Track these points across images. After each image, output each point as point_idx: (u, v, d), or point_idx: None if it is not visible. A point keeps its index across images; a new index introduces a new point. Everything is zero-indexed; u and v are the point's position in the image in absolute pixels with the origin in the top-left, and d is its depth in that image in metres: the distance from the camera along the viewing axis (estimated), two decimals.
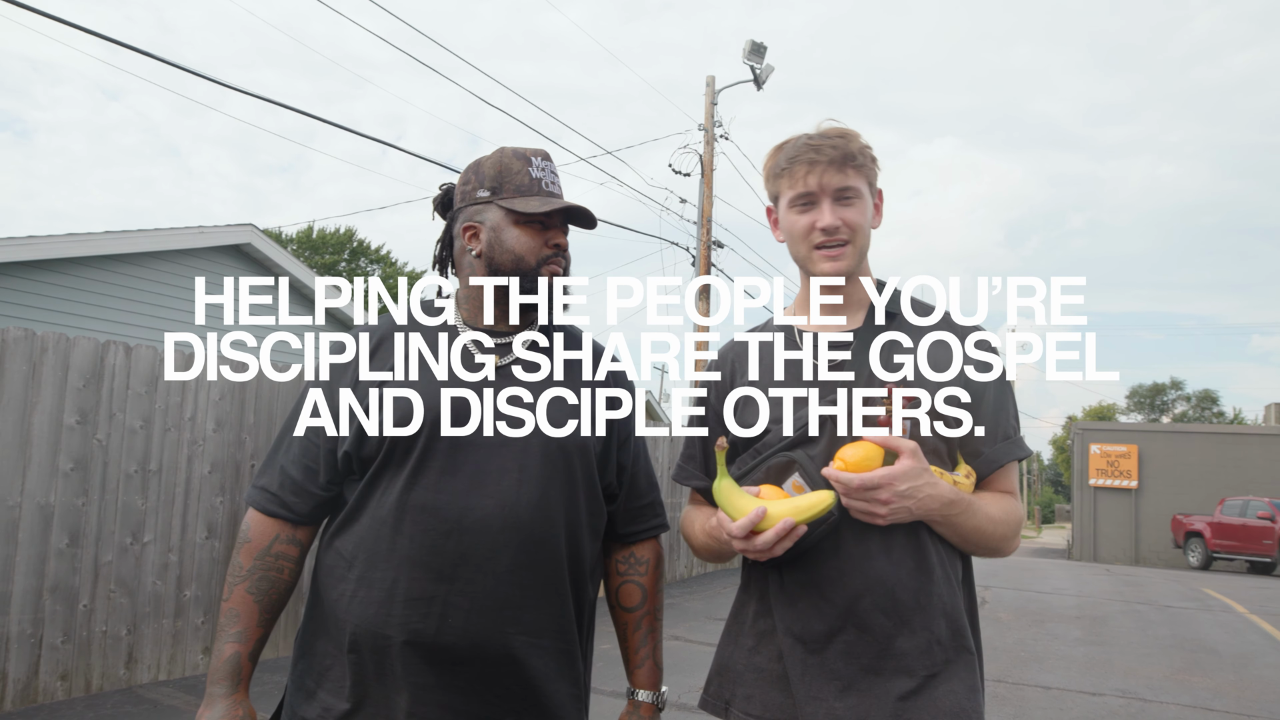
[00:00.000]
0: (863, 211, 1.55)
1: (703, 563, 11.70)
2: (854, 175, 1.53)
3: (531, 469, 1.49)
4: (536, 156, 1.59)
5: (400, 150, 11.93)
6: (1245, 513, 19.99)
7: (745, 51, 15.99)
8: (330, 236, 37.80)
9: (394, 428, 1.47)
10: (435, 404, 1.49)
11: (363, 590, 1.46)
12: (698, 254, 16.02)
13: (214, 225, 11.01)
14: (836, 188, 1.53)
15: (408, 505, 1.45)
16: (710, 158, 16.03)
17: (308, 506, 1.55)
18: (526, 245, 1.55)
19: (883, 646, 1.42)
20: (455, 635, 1.43)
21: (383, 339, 1.59)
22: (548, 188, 1.58)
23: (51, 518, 4.53)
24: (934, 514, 1.41)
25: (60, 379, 4.60)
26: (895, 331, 1.55)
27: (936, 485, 1.39)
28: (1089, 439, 25.26)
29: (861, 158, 1.55)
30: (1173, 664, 7.14)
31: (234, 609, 1.52)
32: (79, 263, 9.57)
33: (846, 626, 1.43)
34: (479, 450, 1.48)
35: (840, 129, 1.58)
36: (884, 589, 1.42)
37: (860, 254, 1.56)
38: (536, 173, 1.57)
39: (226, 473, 5.41)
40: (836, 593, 1.44)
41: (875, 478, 1.35)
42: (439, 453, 1.47)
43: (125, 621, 4.83)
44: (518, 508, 1.46)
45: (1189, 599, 12.19)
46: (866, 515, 1.39)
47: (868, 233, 1.57)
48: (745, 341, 1.70)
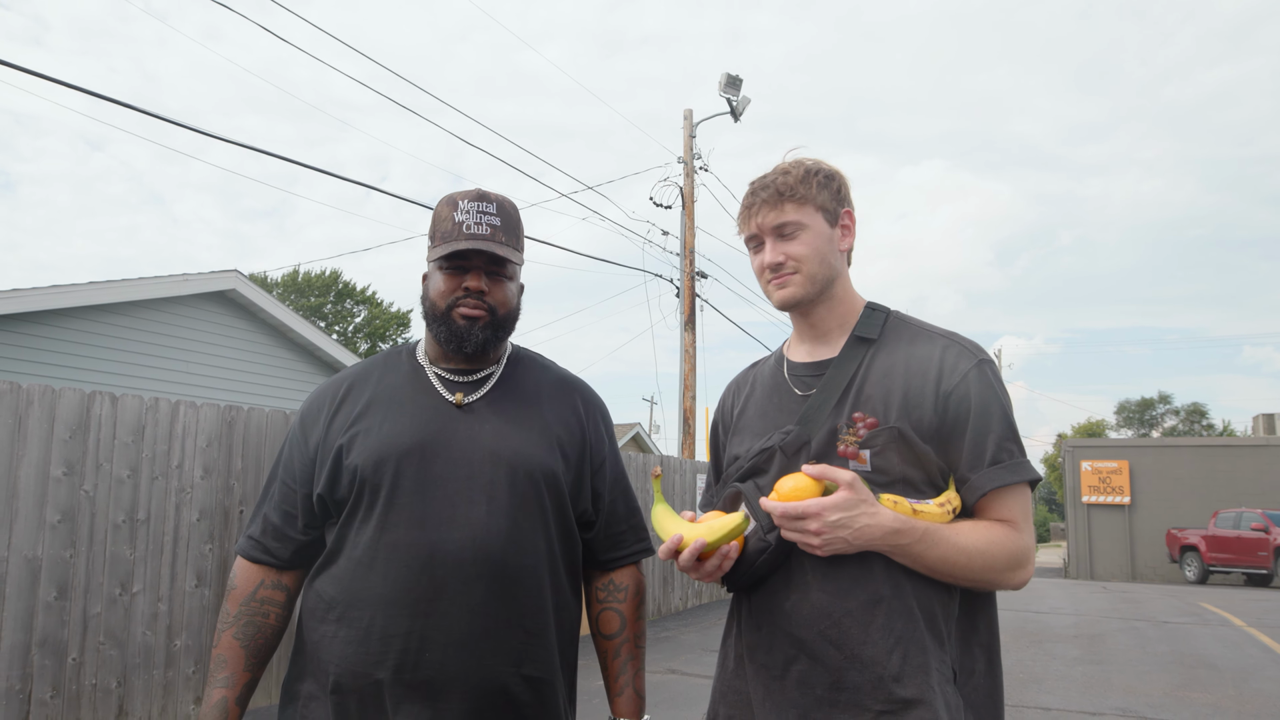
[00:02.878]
0: (809, 241, 1.55)
1: (698, 594, 11.63)
2: (793, 209, 1.55)
3: (500, 500, 1.51)
4: (465, 199, 1.59)
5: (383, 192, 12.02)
6: (1239, 525, 20.02)
7: (721, 84, 16.21)
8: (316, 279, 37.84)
9: (362, 469, 1.51)
10: (402, 443, 1.52)
11: (343, 630, 1.48)
12: (682, 285, 16.11)
13: (198, 272, 11.02)
14: (774, 225, 1.56)
15: (381, 544, 1.48)
16: (691, 190, 16.18)
17: (288, 551, 1.59)
18: (439, 290, 1.58)
19: (834, 679, 1.40)
20: (434, 669, 1.44)
21: (354, 383, 1.64)
22: (469, 230, 1.57)
23: (39, 571, 4.49)
24: (876, 544, 1.38)
25: (46, 431, 4.58)
26: (874, 356, 1.53)
27: (876, 515, 1.36)
28: (1080, 456, 25.33)
29: (802, 189, 1.55)
30: (1172, 680, 7.12)
31: (221, 655, 1.56)
32: (63, 314, 9.55)
33: (800, 656, 1.43)
34: (447, 486, 1.50)
35: (785, 164, 1.61)
36: (830, 620, 1.41)
37: (813, 280, 1.56)
38: (460, 216, 1.58)
39: (215, 520, 5.37)
40: (788, 622, 1.45)
41: (799, 507, 1.36)
42: (407, 491, 1.50)
43: (115, 674, 4.77)
44: (488, 540, 1.48)
45: (1186, 614, 12.18)
46: (804, 545, 1.39)
47: (823, 259, 1.57)
48: (745, 372, 1.77)
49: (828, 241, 1.58)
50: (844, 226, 1.60)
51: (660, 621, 10.14)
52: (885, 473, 1.44)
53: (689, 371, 15.80)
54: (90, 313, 9.84)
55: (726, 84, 16.20)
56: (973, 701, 1.44)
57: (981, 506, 1.45)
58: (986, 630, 1.50)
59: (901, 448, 1.44)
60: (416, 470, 1.51)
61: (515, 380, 1.65)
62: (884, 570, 1.42)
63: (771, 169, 1.62)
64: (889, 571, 1.42)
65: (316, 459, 1.58)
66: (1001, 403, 1.48)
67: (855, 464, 1.45)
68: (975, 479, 1.44)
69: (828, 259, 1.57)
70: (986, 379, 1.48)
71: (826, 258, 1.57)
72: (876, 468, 1.44)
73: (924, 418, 1.45)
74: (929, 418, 1.45)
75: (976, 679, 1.45)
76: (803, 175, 1.57)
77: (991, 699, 1.47)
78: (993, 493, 1.44)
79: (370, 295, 38.90)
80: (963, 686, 1.43)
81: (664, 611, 10.66)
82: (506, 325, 1.62)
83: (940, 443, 1.45)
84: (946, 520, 1.42)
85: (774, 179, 1.58)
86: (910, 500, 1.42)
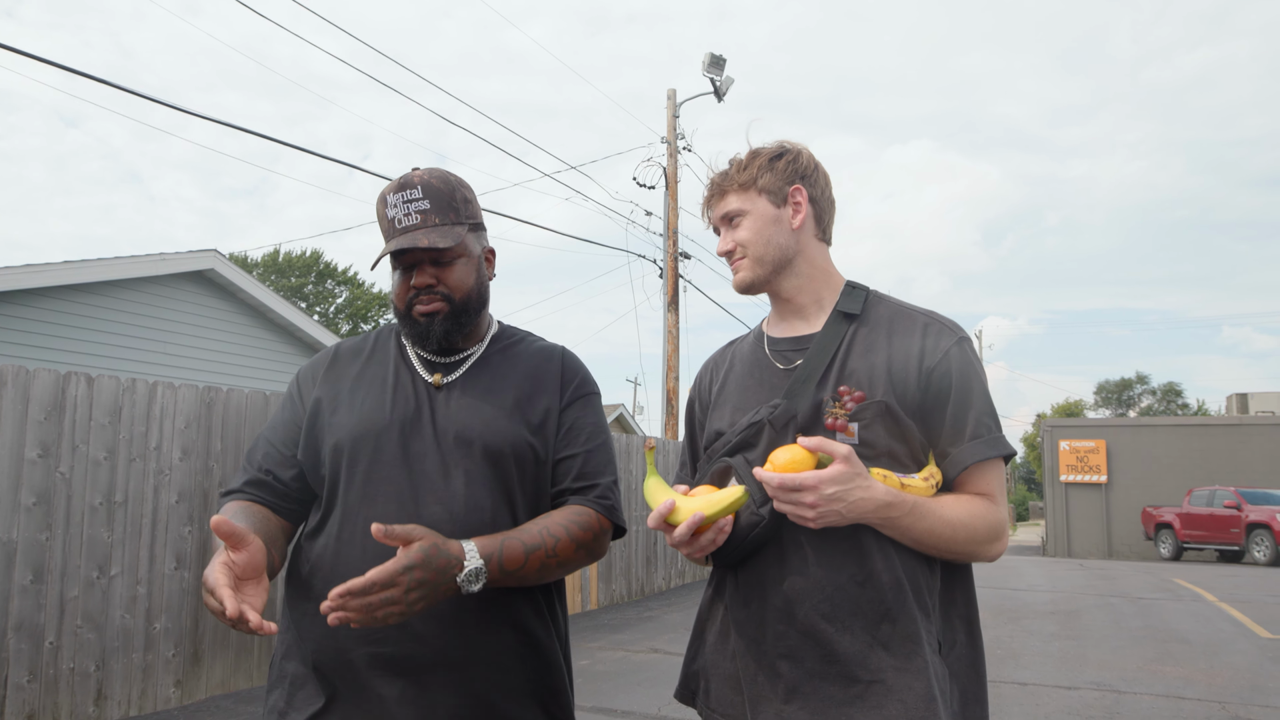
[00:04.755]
0: (752, 226, 1.59)
1: (681, 574, 11.70)
2: (735, 197, 1.61)
3: (476, 475, 1.51)
4: (392, 192, 1.56)
5: (365, 171, 11.89)
6: (1212, 502, 20.36)
7: (705, 64, 16.13)
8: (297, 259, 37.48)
9: (340, 445, 1.53)
10: (379, 421, 1.53)
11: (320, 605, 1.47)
12: (665, 266, 16.09)
13: (175, 252, 10.89)
14: (720, 216, 1.63)
15: (358, 519, 1.48)
16: (674, 170, 16.12)
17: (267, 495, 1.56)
18: (396, 291, 1.59)
19: (825, 651, 1.41)
20: (415, 644, 1.44)
21: (340, 357, 1.66)
22: (400, 225, 1.54)
23: (14, 554, 4.44)
24: (869, 517, 1.39)
25: (20, 412, 4.52)
26: (856, 332, 1.55)
27: (870, 488, 1.38)
28: (1058, 435, 25.63)
29: (741, 176, 1.60)
30: (1145, 655, 7.25)
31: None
32: (38, 294, 9.42)
33: (789, 630, 1.44)
34: (422, 463, 1.51)
35: (733, 156, 1.65)
36: (822, 593, 1.43)
37: (760, 262, 1.60)
38: (391, 211, 1.55)
39: (195, 502, 5.34)
40: (778, 596, 1.45)
41: (797, 479, 1.36)
42: (384, 467, 1.50)
43: (93, 657, 4.74)
44: (463, 514, 1.48)
45: (1160, 590, 12.38)
46: (796, 518, 1.40)
47: (768, 240, 1.59)
48: (723, 350, 1.79)
49: (773, 223, 1.59)
50: (795, 204, 1.60)
51: (644, 601, 10.19)
52: (872, 446, 1.46)
53: (672, 352, 15.82)
54: (66, 292, 9.71)
55: (710, 64, 16.11)
56: (956, 672, 1.47)
57: (961, 480, 1.49)
58: (964, 602, 1.53)
59: (888, 422, 1.47)
60: (393, 448, 1.51)
61: (493, 357, 1.65)
62: (874, 543, 1.44)
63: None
64: (879, 544, 1.44)
65: (302, 426, 1.59)
66: (981, 380, 1.52)
67: (843, 437, 1.46)
68: (956, 453, 1.48)
69: (774, 239, 1.59)
70: (967, 356, 1.52)
71: (773, 238, 1.59)
72: (864, 441, 1.46)
73: (908, 393, 1.48)
74: (913, 393, 1.48)
75: (959, 650, 1.48)
76: (744, 162, 1.62)
77: (974, 669, 1.50)
78: (973, 466, 1.48)
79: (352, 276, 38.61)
80: (946, 657, 1.46)
81: (647, 591, 10.71)
82: (469, 308, 1.59)
83: (921, 417, 1.49)
84: (931, 494, 1.46)
85: (719, 173, 1.65)
86: (897, 474, 1.45)
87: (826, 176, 1.66)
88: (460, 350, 1.63)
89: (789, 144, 1.64)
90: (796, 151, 1.63)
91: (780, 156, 1.61)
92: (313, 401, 1.60)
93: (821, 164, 1.66)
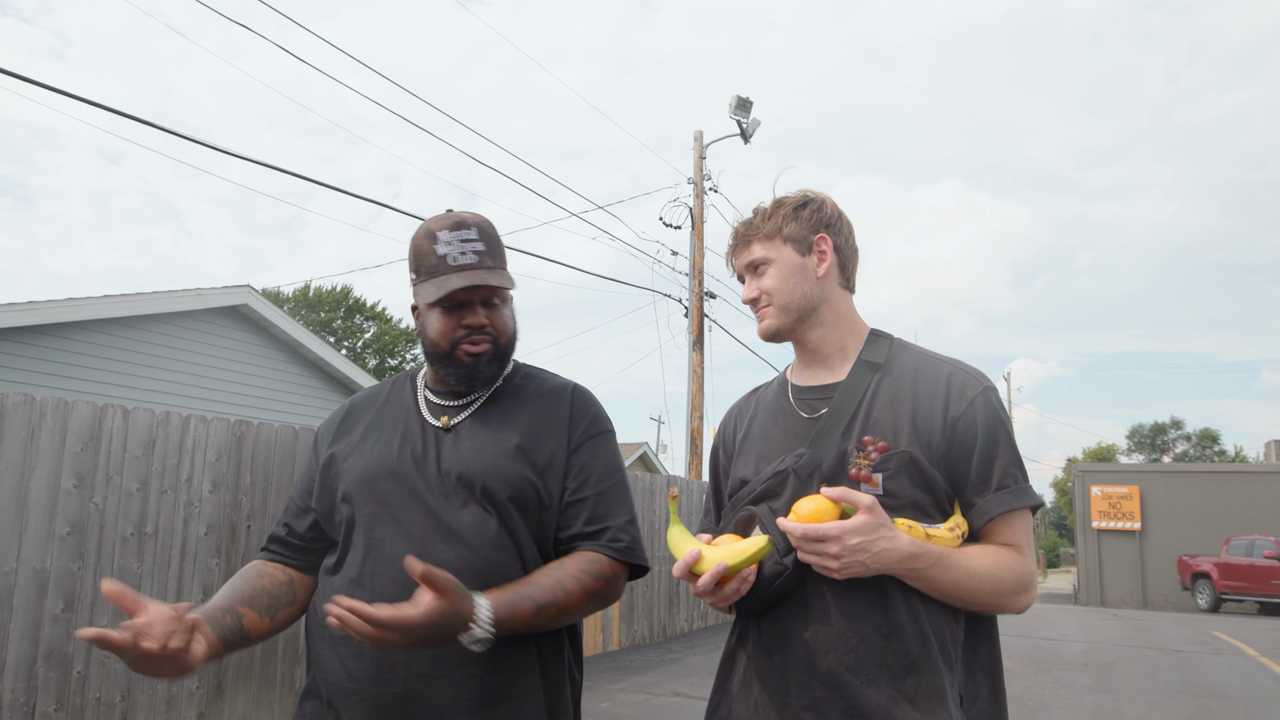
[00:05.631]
0: (778, 275, 1.60)
1: (704, 617, 11.57)
2: (760, 246, 1.62)
3: (479, 516, 1.51)
4: (445, 229, 1.56)
5: (395, 210, 12.09)
6: (1251, 552, 19.82)
7: (731, 106, 16.32)
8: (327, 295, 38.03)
9: (347, 491, 1.57)
10: (386, 465, 1.56)
11: (338, 648, 1.50)
12: (690, 305, 16.14)
13: (211, 287, 11.11)
14: (746, 264, 1.64)
15: (368, 561, 1.51)
16: (700, 210, 16.24)
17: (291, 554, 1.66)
18: (439, 330, 1.57)
19: (849, 704, 1.40)
20: (425, 684, 1.45)
21: (355, 409, 1.71)
22: (455, 263, 1.54)
23: (47, 583, 4.50)
24: (893, 567, 1.39)
25: (58, 443, 4.61)
26: (880, 381, 1.54)
27: (894, 539, 1.37)
28: (1090, 481, 25.14)
29: (766, 226, 1.62)
30: (1183, 711, 7.04)
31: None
32: (77, 326, 9.63)
33: (813, 681, 1.42)
34: (428, 503, 1.52)
35: (757, 205, 1.67)
36: (846, 644, 1.41)
37: (786, 310, 1.60)
38: (443, 249, 1.55)
39: (223, 534, 5.39)
40: (802, 646, 1.44)
41: (820, 530, 1.36)
42: (391, 510, 1.53)
43: (119, 687, 4.77)
44: (474, 558, 1.49)
45: (1198, 643, 12.04)
46: (821, 569, 1.40)
47: (795, 288, 1.60)
48: (747, 397, 1.78)
49: (798, 271, 1.61)
50: (820, 253, 1.61)
51: (665, 643, 10.08)
52: (897, 497, 1.45)
53: (697, 391, 15.80)
54: (104, 325, 9.92)
55: (737, 106, 16.30)
56: None
57: (987, 531, 1.48)
58: (988, 654, 1.51)
59: (913, 472, 1.46)
60: (400, 490, 1.54)
61: (503, 399, 1.65)
62: (899, 594, 1.42)
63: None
64: (904, 596, 1.43)
65: (316, 477, 1.65)
66: (1007, 429, 1.51)
67: (867, 487, 1.45)
68: (982, 503, 1.47)
69: (800, 287, 1.60)
70: (992, 406, 1.51)
71: (799, 286, 1.60)
72: (888, 491, 1.45)
73: (933, 442, 1.47)
74: (938, 443, 1.47)
75: (980, 704, 1.46)
76: (769, 212, 1.63)
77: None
78: (999, 517, 1.47)
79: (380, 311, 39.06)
80: (968, 711, 1.44)
81: (669, 633, 10.60)
82: (509, 351, 1.64)
83: (947, 467, 1.48)
84: (956, 544, 1.44)
85: (745, 222, 1.66)
86: (922, 524, 1.44)
87: (850, 225, 1.67)
88: (472, 391, 1.64)
89: (812, 193, 1.66)
90: (820, 200, 1.64)
91: (805, 205, 1.63)
92: (327, 454, 1.65)
93: (845, 213, 1.67)
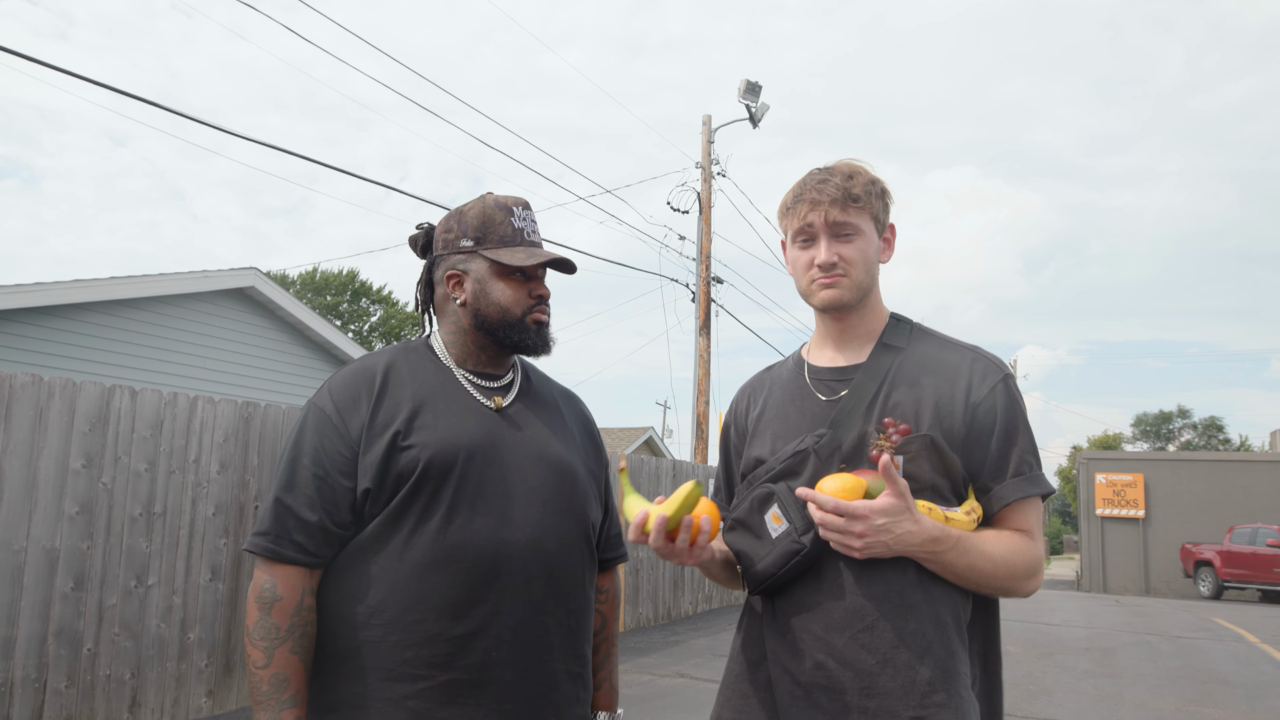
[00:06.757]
0: (862, 248, 1.57)
1: (708, 599, 11.62)
2: (855, 213, 1.56)
3: (552, 501, 1.54)
4: (518, 206, 1.63)
5: (402, 193, 12.09)
6: (1255, 540, 19.82)
7: (740, 90, 16.23)
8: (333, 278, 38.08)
9: (427, 467, 1.46)
10: (462, 442, 1.50)
11: (394, 635, 1.43)
12: (697, 290, 16.12)
13: (217, 269, 11.13)
14: (833, 223, 1.55)
15: (443, 544, 1.45)
16: (708, 195, 16.20)
17: (332, 551, 1.48)
18: (511, 297, 1.59)
19: (865, 684, 1.40)
20: (500, 669, 1.45)
21: (388, 374, 1.56)
22: (530, 238, 1.62)
23: (56, 561, 4.55)
24: (915, 550, 1.40)
25: (66, 423, 4.64)
26: (901, 364, 1.55)
27: (918, 523, 1.38)
28: (1094, 469, 25.13)
29: (865, 196, 1.57)
30: (1184, 696, 7.07)
31: (281, 674, 1.41)
32: (85, 308, 9.66)
33: (828, 661, 1.43)
34: (505, 487, 1.51)
35: (849, 165, 1.60)
36: (862, 623, 1.42)
37: (859, 287, 1.57)
38: (519, 223, 1.61)
39: (231, 515, 5.43)
40: (819, 626, 1.45)
41: (850, 506, 1.37)
42: (471, 491, 1.49)
43: (129, 665, 4.83)
44: (544, 540, 1.50)
45: (1199, 629, 12.07)
46: (841, 546, 1.40)
47: (870, 267, 1.59)
48: (760, 375, 1.78)
49: (876, 252, 1.61)
50: (886, 240, 1.64)
51: (670, 625, 10.14)
52: (916, 479, 1.46)
53: (703, 376, 15.81)
54: (111, 307, 9.95)
55: (746, 90, 16.21)
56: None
57: (1001, 516, 1.50)
58: (984, 637, 1.52)
59: (933, 456, 1.47)
60: (479, 470, 1.50)
61: (533, 386, 1.69)
62: (917, 576, 1.44)
63: (831, 167, 1.61)
64: (921, 578, 1.44)
65: (360, 450, 1.48)
66: (1024, 417, 1.54)
67: None
68: (999, 489, 1.49)
69: (873, 268, 1.61)
70: (1011, 393, 1.53)
71: (873, 267, 1.60)
72: (909, 474, 1.46)
73: (954, 427, 1.49)
74: (958, 427, 1.49)
75: (976, 687, 1.47)
76: (866, 183, 1.59)
77: (989, 705, 1.49)
78: (1013, 503, 1.49)
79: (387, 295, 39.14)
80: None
81: (674, 615, 10.65)
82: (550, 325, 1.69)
83: (965, 451, 1.49)
84: (972, 528, 1.46)
85: (841, 180, 1.56)
86: (941, 507, 1.45)
87: None
88: (503, 375, 1.65)
89: (880, 178, 1.64)
90: (887, 188, 1.64)
91: (885, 191, 1.62)
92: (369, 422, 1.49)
93: None
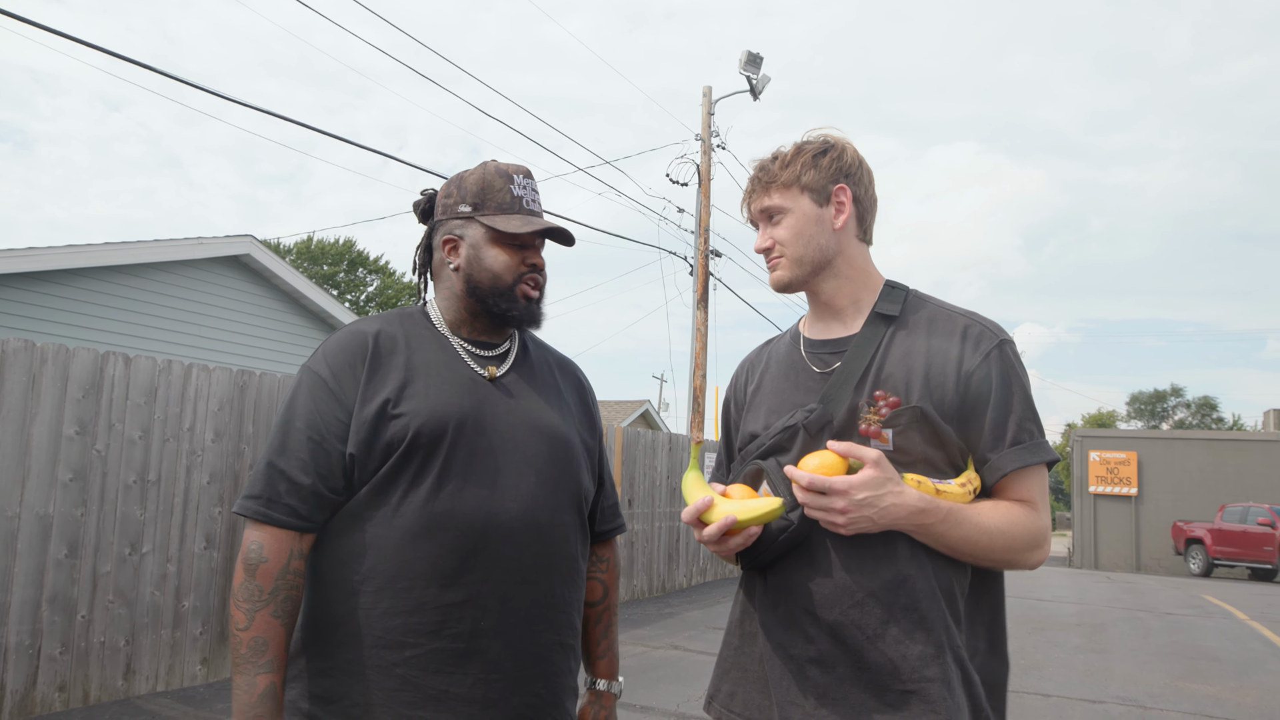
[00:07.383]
0: (793, 225, 1.56)
1: (702, 571, 11.69)
2: (779, 193, 1.57)
3: (545, 472, 1.54)
4: (519, 174, 1.61)
5: (401, 161, 11.98)
6: (1245, 519, 19.97)
7: (741, 62, 16.05)
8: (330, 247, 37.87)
9: (417, 434, 1.45)
10: (453, 411, 1.49)
11: (384, 601, 1.42)
12: (696, 263, 16.05)
13: (213, 236, 11.04)
14: (761, 210, 1.59)
15: (433, 512, 1.44)
16: (708, 168, 16.07)
17: (324, 516, 1.46)
18: (504, 264, 1.57)
19: (856, 658, 1.39)
20: (488, 638, 1.45)
21: (382, 341, 1.54)
22: (528, 206, 1.61)
23: (50, 528, 4.53)
24: (901, 523, 1.38)
25: (60, 390, 4.61)
26: (894, 334, 1.52)
27: (901, 494, 1.36)
28: (1088, 446, 25.23)
29: (785, 173, 1.56)
30: (1173, 671, 7.13)
31: (260, 637, 1.39)
32: (79, 274, 9.59)
33: (820, 636, 1.42)
34: (496, 456, 1.50)
35: (777, 149, 1.61)
36: (853, 598, 1.40)
37: (799, 262, 1.56)
38: (518, 190, 1.60)
39: (225, 483, 5.41)
40: (810, 601, 1.44)
41: (827, 481, 1.35)
42: (461, 459, 1.47)
43: (123, 632, 4.83)
44: (536, 510, 1.50)
45: (1189, 606, 12.18)
46: (827, 524, 1.39)
47: (808, 240, 1.56)
48: (759, 350, 1.77)
49: (814, 222, 1.56)
50: (838, 204, 1.57)
51: (664, 598, 10.20)
52: (907, 452, 1.44)
53: (700, 350, 15.78)
54: (105, 273, 9.88)
55: (747, 62, 16.04)
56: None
57: (1001, 486, 1.46)
58: (990, 609, 1.50)
59: (924, 427, 1.44)
60: (469, 439, 1.49)
61: (529, 355, 1.68)
62: (908, 550, 1.41)
63: (775, 151, 1.63)
64: (913, 551, 1.41)
65: (353, 414, 1.47)
66: (1022, 383, 1.48)
67: (877, 443, 1.44)
68: (996, 459, 1.45)
69: (815, 239, 1.56)
70: (1008, 359, 1.48)
71: (813, 238, 1.56)
72: (899, 447, 1.44)
73: (946, 397, 1.45)
74: (950, 397, 1.45)
75: (979, 659, 1.45)
76: (788, 158, 1.57)
77: (992, 677, 1.47)
78: (1013, 473, 1.45)
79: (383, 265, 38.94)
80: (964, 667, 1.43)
81: (668, 588, 10.72)
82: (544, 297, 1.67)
83: (960, 422, 1.45)
84: (968, 500, 1.43)
85: (768, 164, 1.60)
86: (933, 480, 1.42)
87: (870, 174, 1.62)
88: (499, 343, 1.64)
89: (833, 138, 1.60)
90: (841, 148, 1.59)
91: (825, 153, 1.57)
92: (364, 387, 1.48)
93: (865, 160, 1.62)
